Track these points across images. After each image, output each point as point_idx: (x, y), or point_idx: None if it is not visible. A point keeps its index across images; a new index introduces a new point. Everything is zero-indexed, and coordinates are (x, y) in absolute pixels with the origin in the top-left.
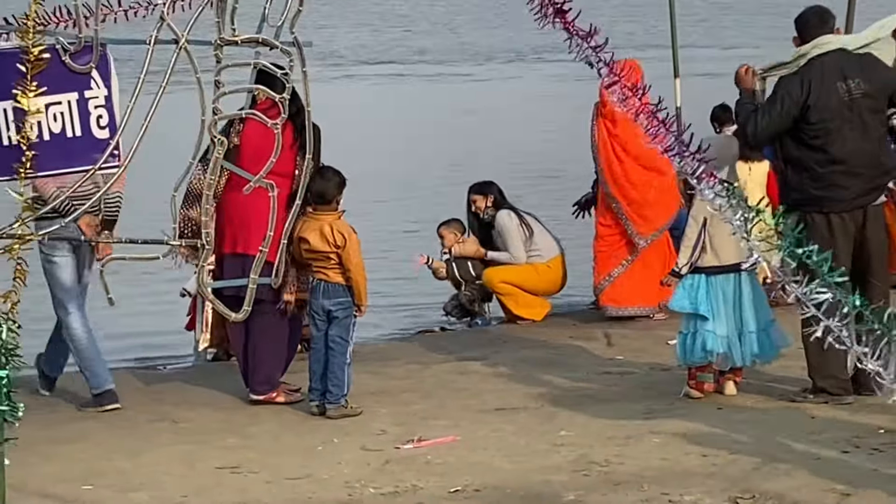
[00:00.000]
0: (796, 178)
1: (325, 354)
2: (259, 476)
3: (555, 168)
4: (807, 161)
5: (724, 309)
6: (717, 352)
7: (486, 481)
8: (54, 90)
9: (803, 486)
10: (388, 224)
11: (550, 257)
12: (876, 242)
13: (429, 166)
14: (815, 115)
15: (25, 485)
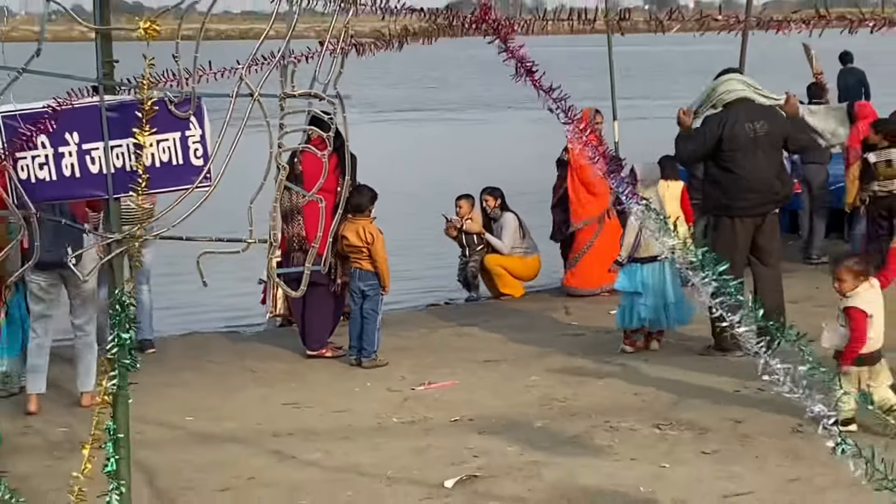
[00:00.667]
0: (713, 191)
1: (360, 322)
2: (313, 410)
3: (529, 184)
4: (721, 178)
5: (652, 287)
6: (649, 318)
7: (478, 413)
8: (163, 130)
9: (708, 415)
10: (408, 227)
11: (533, 255)
12: (767, 240)
13: (439, 186)
14: (727, 145)
15: (144, 417)
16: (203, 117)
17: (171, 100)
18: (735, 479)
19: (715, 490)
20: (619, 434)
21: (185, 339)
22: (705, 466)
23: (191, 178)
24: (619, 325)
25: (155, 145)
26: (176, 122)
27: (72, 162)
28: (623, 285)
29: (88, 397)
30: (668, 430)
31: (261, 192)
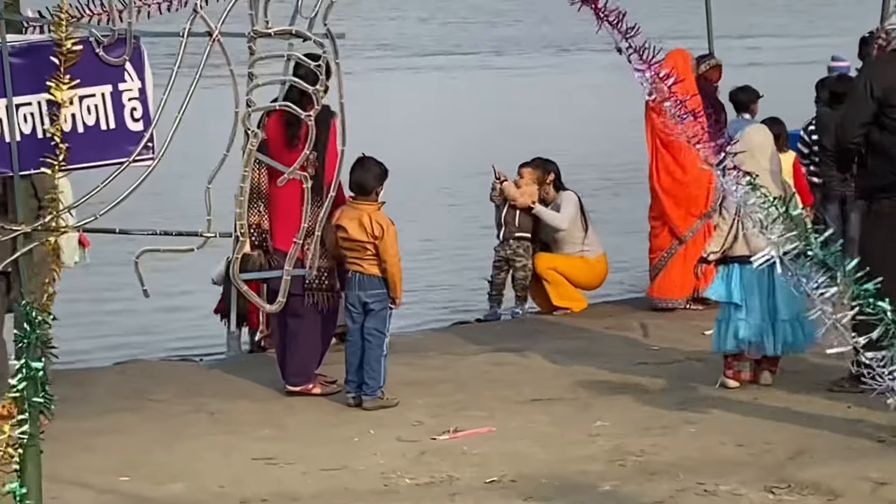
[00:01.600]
0: (874, 163)
1: (361, 346)
2: (295, 467)
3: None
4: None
5: (757, 298)
6: (749, 340)
7: (522, 472)
8: (88, 83)
9: (838, 474)
10: (430, 217)
11: (598, 254)
12: None
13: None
14: None
15: (61, 476)
16: (143, 65)
17: (98, 41)
18: None
19: None
20: (717, 500)
21: (121, 369)
22: None
23: (126, 149)
24: (716, 349)
25: (77, 103)
26: (106, 72)
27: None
28: (716, 293)
29: None
30: (785, 494)
31: (222, 168)
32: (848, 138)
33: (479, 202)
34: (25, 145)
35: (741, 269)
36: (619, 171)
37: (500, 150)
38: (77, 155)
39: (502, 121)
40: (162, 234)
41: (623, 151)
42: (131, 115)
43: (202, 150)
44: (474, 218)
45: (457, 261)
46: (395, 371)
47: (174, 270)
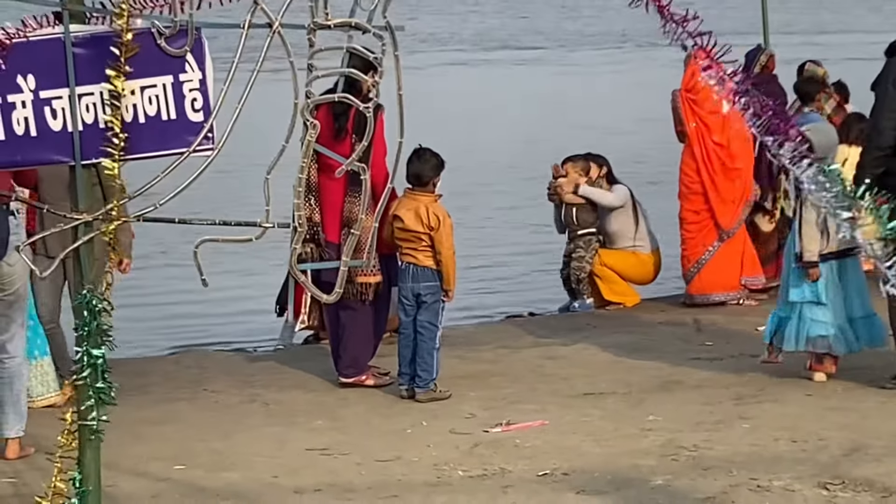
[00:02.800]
0: (892, 164)
1: (413, 339)
2: (349, 458)
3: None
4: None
5: (832, 296)
6: (829, 341)
7: (574, 465)
8: (150, 73)
9: (893, 472)
10: (482, 209)
11: (650, 250)
12: None
13: (527, 154)
14: None
15: (119, 464)
16: (204, 56)
17: (160, 31)
18: None
19: None
20: (770, 496)
21: (177, 359)
22: None
23: (187, 139)
24: (791, 348)
25: (138, 93)
26: (167, 63)
27: (25, 115)
28: (800, 294)
29: (16, 446)
30: (839, 490)
31: (282, 159)
32: (885, 144)
33: (534, 198)
34: (87, 135)
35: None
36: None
37: (559, 145)
38: (138, 145)
39: (564, 116)
40: (221, 223)
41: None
42: (192, 105)
43: (261, 142)
44: (528, 212)
45: (511, 255)
46: (448, 364)
47: (232, 260)
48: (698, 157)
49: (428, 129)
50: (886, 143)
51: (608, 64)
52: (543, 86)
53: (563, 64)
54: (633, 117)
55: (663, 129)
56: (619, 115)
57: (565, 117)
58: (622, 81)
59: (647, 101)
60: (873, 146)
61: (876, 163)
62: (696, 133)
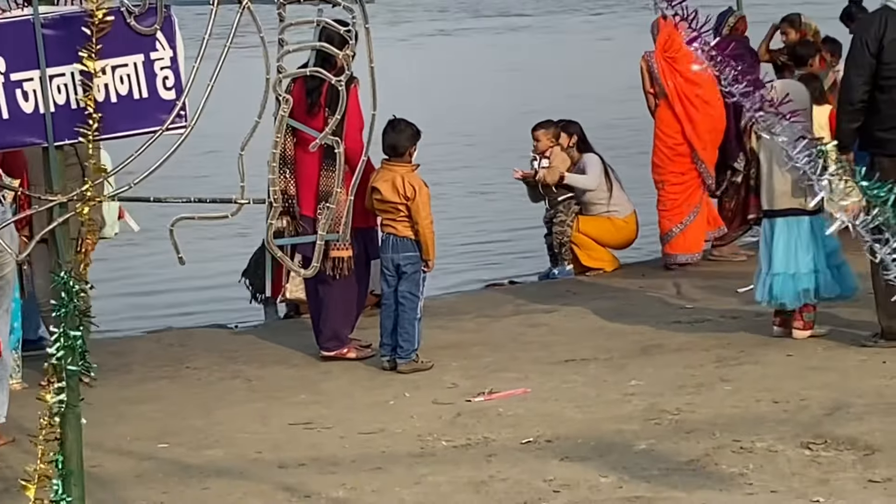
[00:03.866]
0: (867, 119)
1: (395, 310)
2: (332, 431)
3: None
4: (876, 103)
5: (786, 253)
6: (783, 297)
7: (558, 432)
8: (120, 53)
9: (876, 430)
10: (460, 178)
11: (627, 213)
12: None
13: (502, 123)
14: (890, 54)
15: (102, 444)
16: (174, 33)
17: (129, 10)
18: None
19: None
20: (753, 457)
21: (157, 337)
22: (874, 499)
23: (159, 118)
24: (770, 300)
25: (110, 73)
26: (137, 42)
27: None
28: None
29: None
30: (822, 450)
31: (257, 135)
32: (856, 98)
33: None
34: (60, 116)
35: (773, 224)
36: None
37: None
38: (111, 125)
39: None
40: (196, 201)
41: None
42: (163, 83)
43: (235, 118)
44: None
45: (493, 223)
46: (430, 334)
47: (209, 238)
48: (680, 115)
49: (410, 100)
50: (857, 97)
51: (599, 30)
52: (531, 54)
53: (553, 31)
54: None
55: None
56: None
57: (550, 86)
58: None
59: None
60: (845, 101)
61: (849, 118)
62: (676, 91)
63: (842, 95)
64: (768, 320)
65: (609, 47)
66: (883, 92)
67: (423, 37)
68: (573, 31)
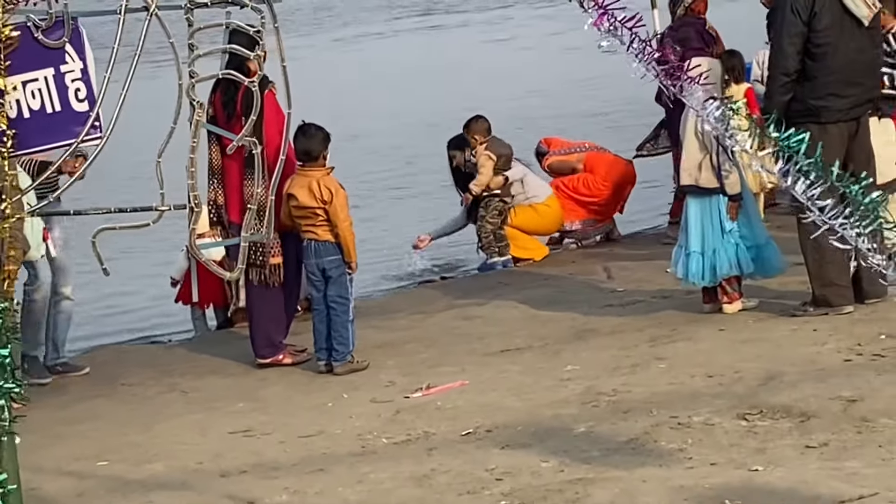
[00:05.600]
0: (797, 90)
1: (327, 314)
2: (272, 437)
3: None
4: (809, 71)
5: (702, 230)
6: (700, 274)
7: (497, 421)
8: (30, 67)
9: (809, 396)
10: (383, 177)
11: (546, 196)
12: (864, 153)
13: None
14: (821, 22)
15: (41, 466)
16: (83, 45)
17: (36, 24)
18: (853, 477)
19: (828, 495)
20: (691, 432)
21: (90, 356)
22: (811, 464)
23: (74, 130)
24: (700, 281)
25: (21, 89)
26: (46, 55)
27: None
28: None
29: None
30: (758, 420)
31: (171, 141)
32: (791, 68)
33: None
34: None
35: (689, 203)
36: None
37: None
38: (25, 140)
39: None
40: (116, 211)
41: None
42: (76, 95)
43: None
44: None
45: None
46: (364, 334)
47: (131, 252)
48: None
49: (342, 102)
50: (791, 67)
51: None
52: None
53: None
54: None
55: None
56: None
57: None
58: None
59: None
60: (779, 73)
61: (783, 90)
62: None
63: (775, 66)
64: (699, 298)
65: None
66: (815, 60)
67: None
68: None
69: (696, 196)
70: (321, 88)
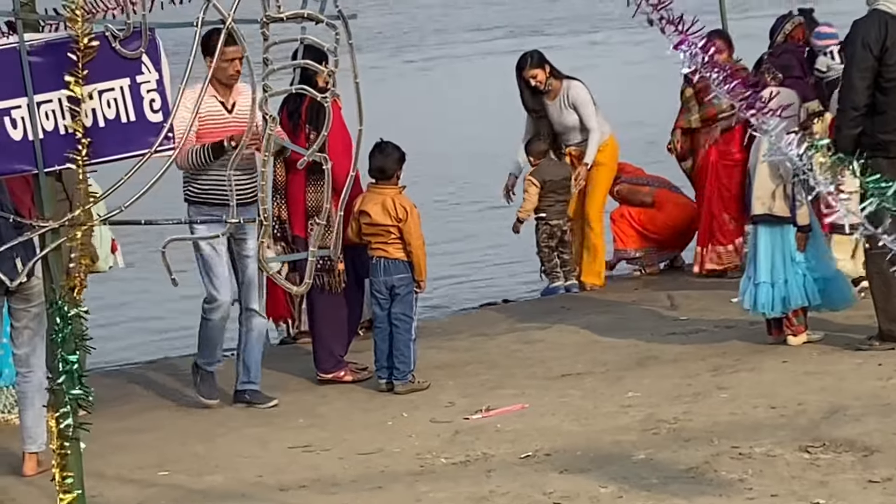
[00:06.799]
0: (867, 123)
1: (389, 332)
2: (331, 453)
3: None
4: (879, 105)
5: (772, 260)
6: (771, 305)
7: (556, 445)
8: (106, 77)
9: (874, 431)
10: (451, 199)
11: (606, 138)
12: None
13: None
14: (893, 56)
15: (102, 473)
16: (159, 56)
17: (114, 35)
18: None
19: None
20: (752, 462)
21: (154, 367)
22: (874, 499)
23: (147, 140)
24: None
25: (97, 98)
26: (123, 65)
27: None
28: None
29: (34, 462)
30: (821, 453)
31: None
32: (860, 103)
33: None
34: (49, 142)
35: (756, 231)
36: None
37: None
38: (100, 149)
39: None
40: (187, 222)
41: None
42: (150, 106)
43: None
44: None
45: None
46: (425, 354)
47: None
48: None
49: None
50: (861, 101)
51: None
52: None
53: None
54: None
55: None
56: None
57: None
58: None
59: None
60: (849, 106)
61: (852, 123)
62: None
63: (844, 100)
64: (763, 328)
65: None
66: (885, 94)
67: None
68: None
69: (767, 225)
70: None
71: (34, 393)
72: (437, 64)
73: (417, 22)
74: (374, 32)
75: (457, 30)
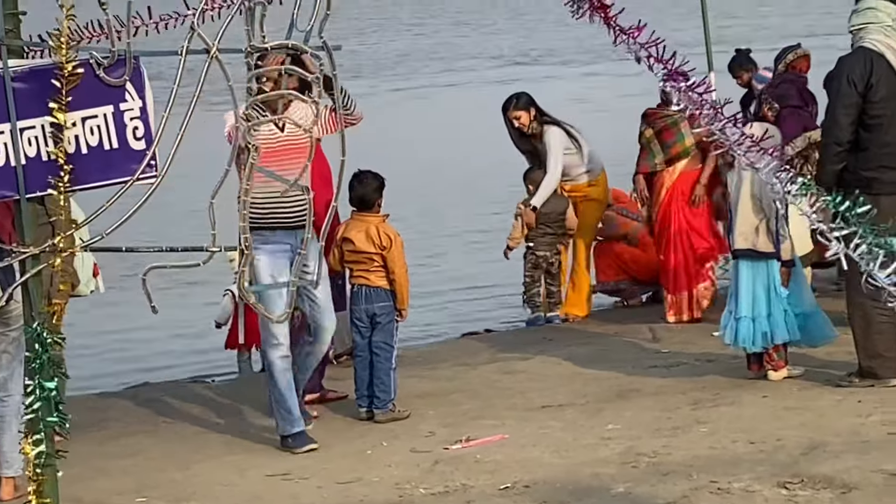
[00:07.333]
0: (850, 160)
1: (370, 360)
2: (310, 482)
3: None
4: (862, 142)
5: (753, 295)
6: (750, 340)
7: (536, 477)
8: (90, 104)
9: (852, 467)
10: (431, 227)
11: (598, 173)
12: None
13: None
14: (876, 94)
15: (82, 499)
16: (143, 84)
17: (98, 62)
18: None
19: None
20: (731, 498)
21: (133, 393)
22: None
23: (130, 168)
24: (751, 346)
25: (80, 124)
26: (107, 93)
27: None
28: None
29: (11, 486)
30: (799, 489)
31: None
32: (844, 139)
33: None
34: (31, 168)
35: (737, 265)
36: None
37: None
38: (82, 176)
39: None
40: (168, 250)
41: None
42: (133, 134)
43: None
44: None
45: (465, 271)
46: (406, 383)
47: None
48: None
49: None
50: (845, 137)
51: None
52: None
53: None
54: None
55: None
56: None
57: None
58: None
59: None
60: (832, 142)
61: (836, 159)
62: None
63: (828, 136)
64: (744, 363)
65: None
66: (869, 131)
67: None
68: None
69: (749, 260)
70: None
71: (12, 417)
72: (435, 91)
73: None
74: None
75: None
